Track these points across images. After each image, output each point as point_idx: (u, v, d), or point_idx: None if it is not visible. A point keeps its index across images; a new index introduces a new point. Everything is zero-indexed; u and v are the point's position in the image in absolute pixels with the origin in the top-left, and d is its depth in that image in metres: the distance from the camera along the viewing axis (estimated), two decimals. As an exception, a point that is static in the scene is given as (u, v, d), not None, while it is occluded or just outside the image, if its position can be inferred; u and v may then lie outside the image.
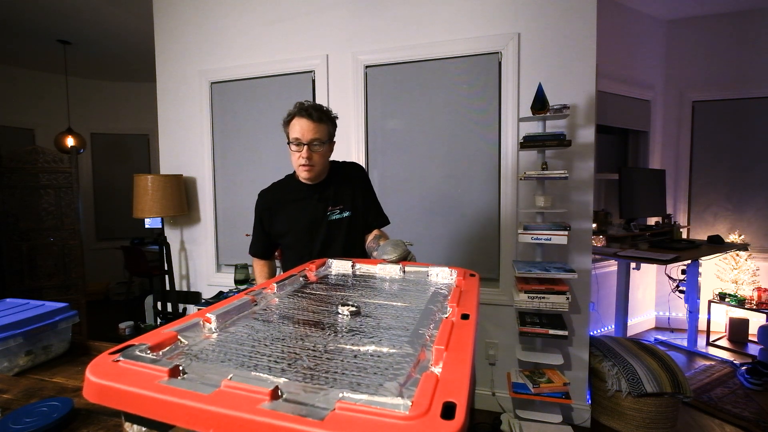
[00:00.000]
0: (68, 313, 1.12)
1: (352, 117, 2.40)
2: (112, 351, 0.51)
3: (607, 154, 3.62)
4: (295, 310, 0.79)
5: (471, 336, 0.58)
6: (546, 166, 1.93)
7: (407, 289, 0.98)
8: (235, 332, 0.65)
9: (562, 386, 1.80)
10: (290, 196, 1.50)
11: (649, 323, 3.64)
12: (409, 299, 0.88)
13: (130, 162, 5.07)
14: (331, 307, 0.80)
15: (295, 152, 1.38)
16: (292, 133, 1.37)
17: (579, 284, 2.12)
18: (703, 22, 3.46)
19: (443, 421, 0.36)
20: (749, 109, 3.45)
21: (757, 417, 2.18)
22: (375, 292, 0.95)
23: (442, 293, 0.92)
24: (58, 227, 3.08)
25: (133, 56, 4.12)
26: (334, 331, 0.67)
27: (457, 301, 0.77)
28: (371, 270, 1.16)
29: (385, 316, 0.77)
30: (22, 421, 0.73)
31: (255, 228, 1.56)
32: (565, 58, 2.06)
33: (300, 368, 0.53)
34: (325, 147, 1.40)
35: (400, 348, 0.59)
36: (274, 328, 0.68)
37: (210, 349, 0.58)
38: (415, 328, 0.68)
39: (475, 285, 0.93)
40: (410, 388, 0.45)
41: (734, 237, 3.37)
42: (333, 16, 2.43)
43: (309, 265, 1.13)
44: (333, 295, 0.91)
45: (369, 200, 1.55)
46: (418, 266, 1.14)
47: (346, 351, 0.59)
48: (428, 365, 0.52)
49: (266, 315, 0.75)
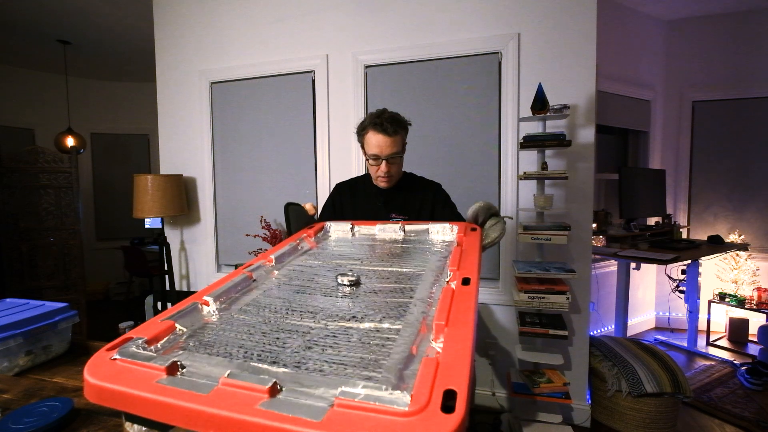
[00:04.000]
0: (68, 313, 1.12)
1: (352, 117, 2.40)
2: (109, 347, 0.51)
3: (607, 154, 3.62)
4: (293, 284, 0.77)
5: (472, 306, 0.58)
6: (546, 166, 1.93)
7: (407, 250, 0.97)
8: (234, 314, 0.64)
9: (562, 386, 1.80)
10: (362, 192, 1.56)
11: (649, 323, 3.64)
12: (410, 262, 0.87)
13: (130, 162, 5.07)
14: (330, 278, 0.79)
15: (373, 165, 1.43)
16: (369, 149, 1.41)
17: (579, 284, 2.12)
18: (703, 22, 3.45)
19: (443, 415, 0.36)
20: (749, 109, 3.44)
21: (757, 417, 2.18)
22: (375, 257, 0.93)
23: (442, 253, 0.91)
24: (58, 227, 3.08)
25: (133, 56, 4.12)
26: (333, 306, 0.67)
27: (458, 263, 0.76)
28: (371, 231, 1.15)
29: (385, 284, 0.76)
30: (22, 421, 0.73)
31: (325, 208, 1.59)
32: (565, 58, 2.06)
33: (300, 351, 0.52)
34: (401, 157, 1.44)
35: (401, 323, 0.59)
36: (272, 308, 0.67)
37: (208, 336, 0.58)
38: (415, 298, 0.68)
39: (476, 241, 0.91)
40: (411, 370, 0.45)
41: (734, 237, 3.37)
42: (333, 16, 2.43)
43: (307, 230, 1.10)
44: (332, 263, 0.89)
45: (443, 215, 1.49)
46: (419, 224, 1.13)
47: (345, 330, 0.59)
48: (429, 341, 0.52)
49: (265, 292, 0.74)
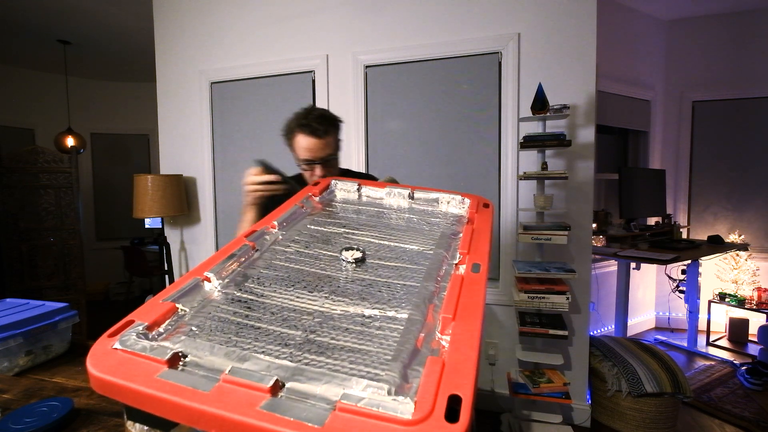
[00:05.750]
0: (68, 313, 1.12)
1: (352, 117, 2.40)
2: (110, 333, 0.50)
3: (607, 154, 3.62)
4: (296, 257, 0.75)
5: (481, 296, 0.56)
6: (546, 166, 1.93)
7: (415, 223, 0.93)
8: (235, 292, 0.62)
9: (562, 386, 1.80)
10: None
11: (649, 323, 3.64)
12: (418, 238, 0.83)
13: (130, 162, 5.06)
14: (335, 250, 0.76)
15: (306, 171, 1.29)
16: (299, 153, 1.27)
17: (579, 284, 2.12)
18: (703, 22, 3.45)
19: (448, 425, 0.36)
20: (749, 109, 3.44)
21: (757, 417, 2.18)
22: (381, 227, 0.89)
23: (452, 230, 0.87)
24: (58, 227, 3.08)
25: (133, 56, 4.11)
26: (337, 288, 0.65)
27: (468, 245, 0.73)
28: (378, 194, 1.06)
29: (391, 263, 0.73)
30: (22, 421, 0.73)
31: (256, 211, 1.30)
32: (565, 58, 2.06)
33: (303, 342, 0.51)
34: (336, 159, 1.32)
35: (407, 311, 0.58)
36: (275, 285, 0.65)
37: (210, 317, 0.56)
38: (422, 282, 0.65)
39: (488, 220, 0.87)
40: (416, 368, 0.45)
41: (734, 237, 3.37)
42: (333, 16, 2.42)
43: (312, 188, 1.03)
44: (337, 232, 0.86)
45: None
46: (428, 191, 1.05)
47: (350, 316, 0.57)
48: (435, 333, 0.51)
49: (267, 267, 0.71)
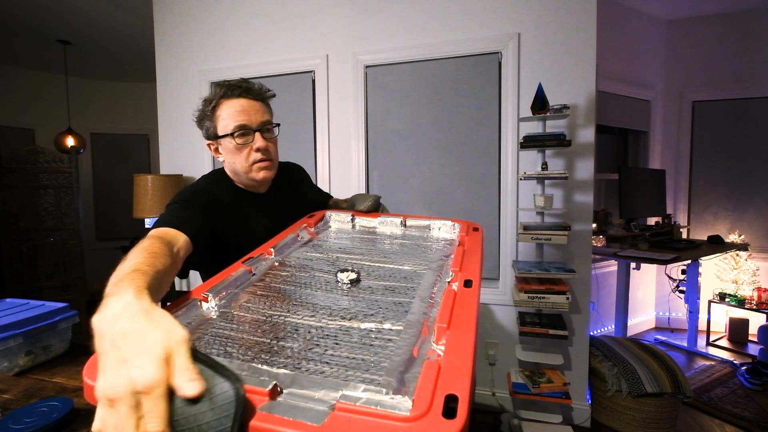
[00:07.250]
0: (68, 313, 1.12)
1: (352, 117, 2.40)
2: None
3: (607, 154, 3.61)
4: (293, 279, 0.78)
5: (474, 309, 0.58)
6: (546, 166, 1.93)
7: (408, 247, 0.97)
8: (233, 311, 0.65)
9: (562, 386, 1.80)
10: (229, 203, 1.04)
11: (649, 323, 3.64)
12: (411, 260, 0.87)
13: (130, 162, 5.06)
14: (330, 274, 0.79)
15: (241, 147, 1.00)
16: (231, 120, 0.99)
17: (579, 284, 2.12)
18: (703, 22, 3.45)
19: (445, 421, 0.36)
20: (749, 109, 3.44)
21: (757, 417, 2.18)
22: (375, 252, 0.93)
23: (444, 252, 0.91)
24: (58, 227, 3.08)
25: (133, 56, 4.11)
26: (334, 304, 0.67)
27: (460, 264, 0.76)
28: (371, 223, 1.12)
29: (386, 282, 0.76)
30: (22, 421, 0.73)
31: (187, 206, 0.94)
32: (565, 58, 2.06)
33: (301, 352, 0.52)
34: (275, 134, 1.09)
35: (402, 324, 0.59)
36: (272, 305, 0.67)
37: (207, 334, 0.57)
38: (416, 298, 0.68)
39: (479, 241, 0.91)
40: (412, 373, 0.46)
41: (734, 237, 3.37)
42: (333, 16, 2.42)
43: (307, 219, 1.06)
44: (332, 256, 0.89)
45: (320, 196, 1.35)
46: (420, 219, 1.10)
47: (346, 330, 0.59)
48: (430, 343, 0.52)
49: (264, 288, 0.74)
